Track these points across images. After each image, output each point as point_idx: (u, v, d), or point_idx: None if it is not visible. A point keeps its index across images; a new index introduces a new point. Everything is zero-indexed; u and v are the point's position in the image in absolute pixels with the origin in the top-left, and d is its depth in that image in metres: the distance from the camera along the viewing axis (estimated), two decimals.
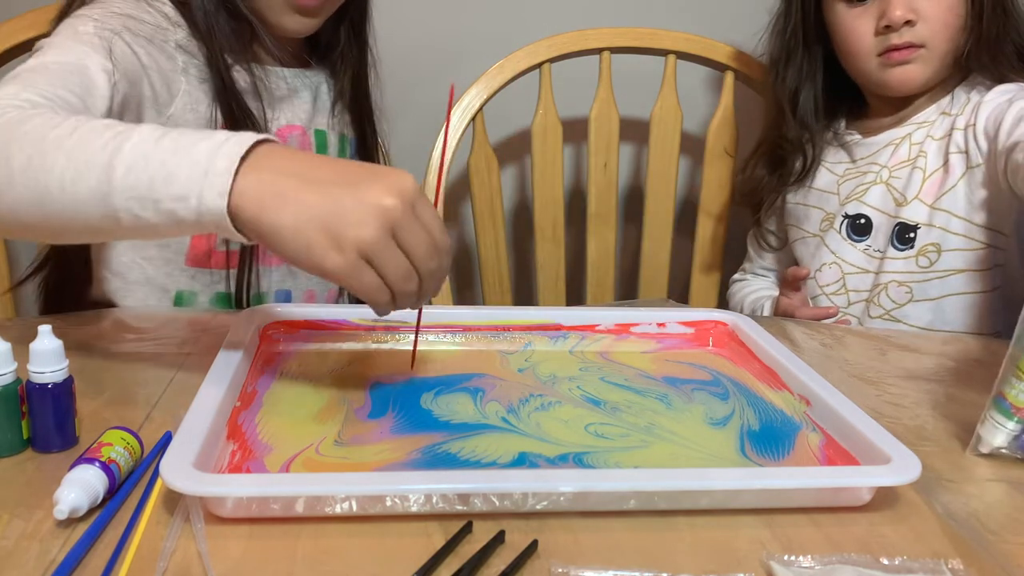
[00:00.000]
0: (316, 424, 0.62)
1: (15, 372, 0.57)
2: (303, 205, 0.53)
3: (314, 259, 0.54)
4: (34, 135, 0.59)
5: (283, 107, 0.94)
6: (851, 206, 1.08)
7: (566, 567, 0.48)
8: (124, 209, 0.56)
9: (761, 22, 1.36)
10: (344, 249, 0.53)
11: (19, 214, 0.59)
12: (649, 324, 0.82)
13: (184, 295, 0.93)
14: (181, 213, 0.55)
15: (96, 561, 0.47)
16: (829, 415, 0.64)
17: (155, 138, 0.56)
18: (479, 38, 1.33)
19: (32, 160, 0.58)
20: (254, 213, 0.54)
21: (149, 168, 0.55)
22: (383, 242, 0.54)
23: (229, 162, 0.54)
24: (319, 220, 0.53)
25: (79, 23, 0.78)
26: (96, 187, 0.56)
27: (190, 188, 0.54)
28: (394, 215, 0.54)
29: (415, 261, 0.56)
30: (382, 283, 0.56)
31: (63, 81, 0.71)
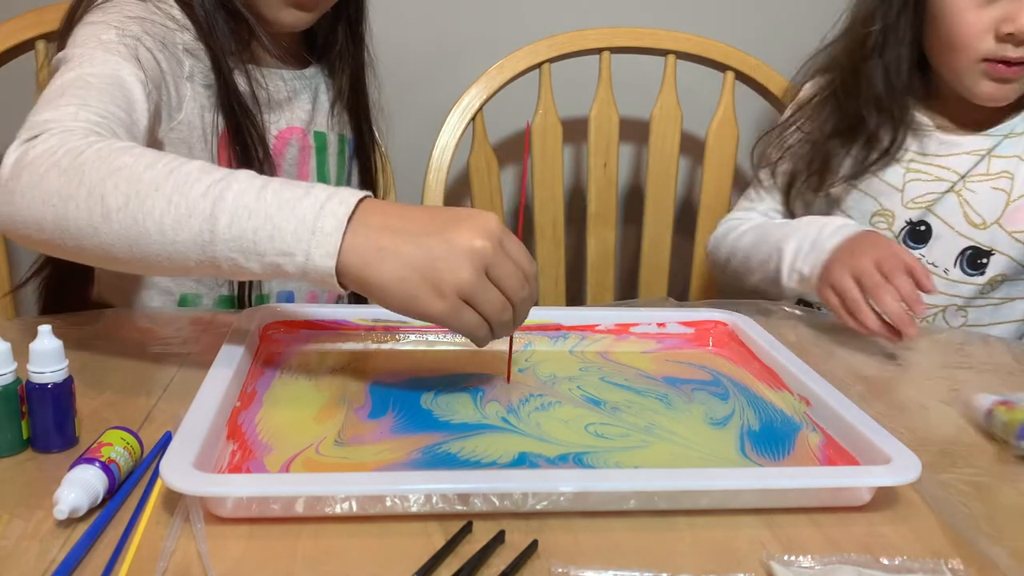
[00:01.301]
0: (316, 424, 0.62)
1: (15, 372, 0.57)
2: (403, 258, 0.57)
3: (419, 307, 0.58)
4: (129, 174, 0.60)
5: (283, 110, 0.94)
6: (917, 212, 0.99)
7: (566, 567, 0.48)
8: (226, 259, 0.58)
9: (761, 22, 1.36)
10: (445, 295, 0.57)
11: (112, 252, 0.60)
12: (649, 324, 0.82)
13: (188, 297, 0.93)
14: (286, 268, 0.57)
15: (96, 561, 0.47)
16: (829, 415, 0.64)
17: (256, 188, 0.58)
18: (479, 38, 1.33)
19: (130, 201, 0.59)
20: (359, 270, 0.57)
21: (253, 221, 0.57)
22: (479, 282, 0.57)
23: (337, 222, 0.57)
24: (419, 271, 0.57)
25: (100, 31, 0.77)
26: (198, 235, 0.58)
27: (297, 246, 0.57)
28: (485, 255, 0.57)
29: (508, 293, 0.59)
30: (481, 319, 0.59)
31: (111, 97, 0.71)
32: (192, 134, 0.86)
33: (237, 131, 0.87)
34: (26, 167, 0.62)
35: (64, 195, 0.60)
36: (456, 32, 1.35)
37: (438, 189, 1.16)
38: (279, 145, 0.94)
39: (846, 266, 0.83)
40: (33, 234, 0.62)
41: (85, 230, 0.60)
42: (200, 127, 0.86)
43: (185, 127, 0.85)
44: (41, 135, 0.64)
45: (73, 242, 0.61)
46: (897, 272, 0.80)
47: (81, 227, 0.60)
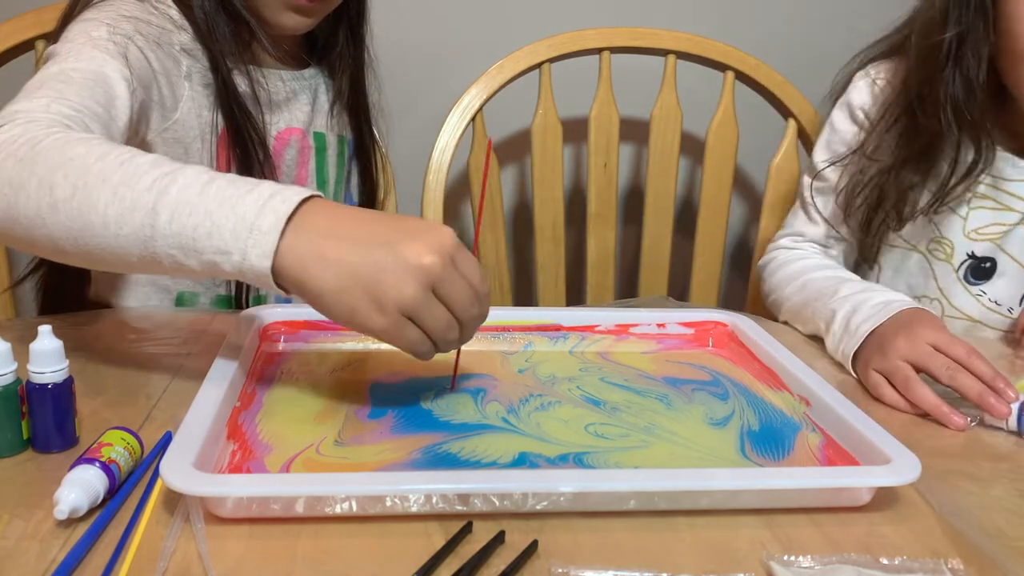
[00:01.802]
0: (316, 424, 0.62)
1: (15, 372, 0.57)
2: (345, 267, 0.55)
3: (358, 321, 0.56)
4: (79, 164, 0.59)
5: (283, 110, 0.94)
6: (982, 246, 0.93)
7: (566, 567, 0.48)
8: (166, 255, 0.56)
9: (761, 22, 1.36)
10: (386, 310, 0.55)
11: (59, 243, 0.59)
12: (649, 325, 0.82)
13: (185, 296, 0.93)
14: (223, 266, 0.56)
15: (96, 561, 0.47)
16: (829, 415, 0.64)
17: (201, 183, 0.56)
18: (479, 38, 1.33)
19: (77, 192, 0.58)
20: (297, 275, 0.55)
21: (194, 217, 0.55)
22: (424, 299, 0.55)
23: (276, 219, 0.55)
24: (361, 283, 0.54)
25: (91, 28, 0.77)
26: (139, 229, 0.56)
27: (234, 244, 0.55)
28: (433, 271, 0.55)
29: (456, 311, 0.57)
30: (424, 336, 0.57)
31: (90, 92, 0.71)
32: (188, 134, 0.86)
33: (237, 132, 0.87)
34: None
35: (16, 184, 0.59)
36: (456, 32, 1.34)
37: (438, 189, 1.16)
38: (278, 146, 0.94)
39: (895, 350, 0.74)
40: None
41: (34, 220, 0.59)
42: (197, 127, 0.86)
43: (181, 127, 0.85)
44: (5, 125, 0.63)
45: (23, 232, 0.60)
46: (972, 356, 0.71)
47: (30, 217, 0.59)
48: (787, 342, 0.78)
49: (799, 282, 0.94)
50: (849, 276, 0.92)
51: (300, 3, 0.86)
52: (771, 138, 1.24)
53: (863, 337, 0.78)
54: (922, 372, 0.73)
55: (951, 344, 0.72)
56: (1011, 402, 0.69)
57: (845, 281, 0.89)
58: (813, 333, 0.88)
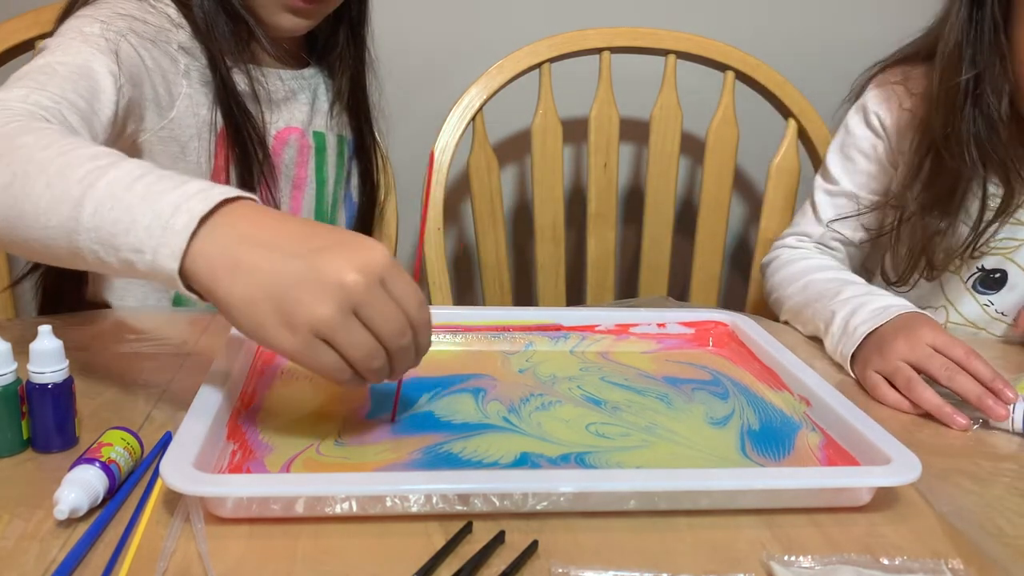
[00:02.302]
0: (316, 424, 0.62)
1: (15, 372, 0.57)
2: (257, 278, 0.50)
3: (266, 338, 0.51)
4: (23, 154, 0.58)
5: (282, 109, 0.94)
6: (992, 259, 0.93)
7: (566, 567, 0.48)
8: (88, 250, 0.54)
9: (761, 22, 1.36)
10: (296, 329, 0.50)
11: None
12: (649, 324, 0.82)
13: (182, 298, 0.92)
14: (137, 266, 0.52)
15: (96, 561, 0.47)
16: (829, 415, 0.64)
17: (132, 178, 0.54)
18: (479, 38, 1.33)
19: (15, 180, 0.57)
20: (206, 281, 0.51)
21: (115, 212, 0.53)
22: (339, 321, 0.50)
23: (189, 219, 0.51)
24: (271, 297, 0.50)
25: (85, 24, 0.77)
26: (65, 222, 0.54)
27: (147, 242, 0.51)
28: (355, 292, 0.50)
29: (382, 339, 0.52)
30: (342, 362, 0.52)
31: (72, 84, 0.71)
32: (185, 132, 0.86)
33: (236, 131, 0.87)
34: None
35: None
36: (456, 32, 1.34)
37: (438, 189, 1.16)
38: (277, 145, 0.94)
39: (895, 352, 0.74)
40: None
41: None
42: (195, 125, 0.86)
43: (177, 125, 0.85)
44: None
45: None
46: (972, 357, 0.71)
47: None
48: (787, 342, 0.78)
49: (801, 283, 0.94)
50: (852, 279, 0.92)
51: (297, 5, 0.86)
52: (771, 138, 1.24)
53: (861, 338, 0.78)
54: (922, 374, 0.73)
55: (950, 345, 0.73)
56: (1009, 403, 0.69)
57: (847, 284, 0.88)
58: (813, 334, 0.88)
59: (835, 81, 1.26)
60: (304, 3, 0.86)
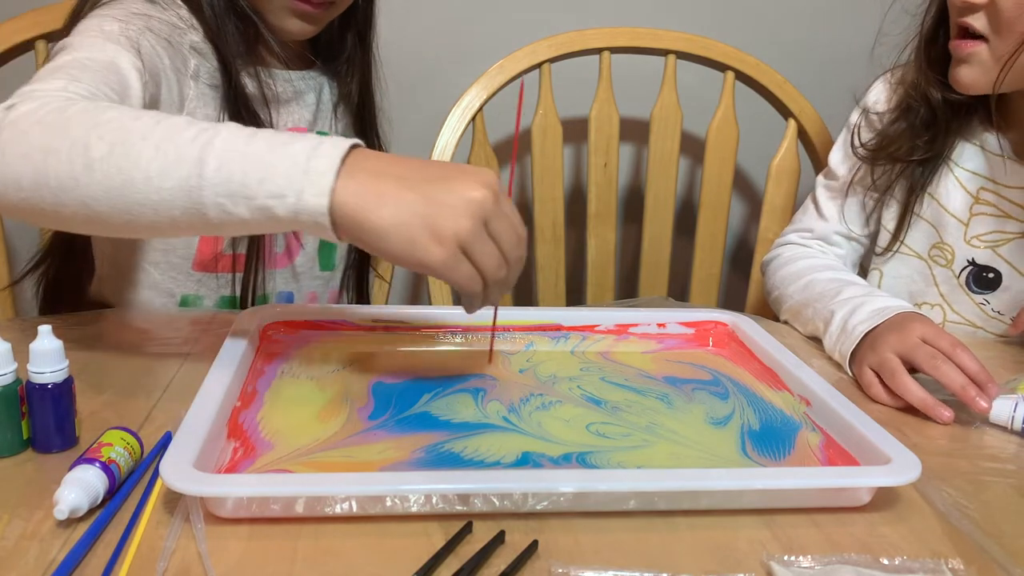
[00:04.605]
0: (318, 423, 0.62)
1: (15, 372, 0.57)
2: (403, 203, 0.55)
3: (417, 254, 0.56)
4: (115, 124, 0.58)
5: (287, 111, 0.94)
6: (982, 254, 0.92)
7: (566, 567, 0.48)
8: (213, 204, 0.56)
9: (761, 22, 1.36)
10: (444, 242, 0.56)
11: (94, 206, 0.58)
12: (649, 324, 0.82)
13: (190, 299, 0.92)
14: (277, 210, 0.56)
15: (96, 561, 0.47)
16: (829, 415, 0.64)
17: (246, 134, 0.57)
18: (479, 38, 1.33)
19: (115, 149, 0.57)
20: (355, 212, 0.55)
21: (243, 164, 0.56)
22: (478, 233, 0.57)
23: (330, 162, 0.55)
24: (419, 217, 0.55)
25: (103, 23, 0.77)
26: (185, 180, 0.56)
27: (288, 186, 0.55)
28: (486, 207, 0.57)
29: (504, 249, 0.58)
30: (476, 273, 0.58)
31: (103, 78, 0.70)
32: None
33: None
34: (7, 127, 0.60)
35: (45, 149, 0.58)
36: (456, 32, 1.34)
37: None
38: None
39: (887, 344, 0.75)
40: (11, 192, 0.60)
41: (66, 183, 0.58)
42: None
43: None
44: (22, 100, 0.63)
45: (52, 197, 0.58)
46: (958, 348, 0.72)
47: (62, 180, 0.58)
48: (787, 342, 0.78)
49: (802, 282, 0.94)
50: (853, 279, 0.92)
51: (305, 9, 0.86)
52: (771, 138, 1.24)
53: (859, 337, 0.78)
54: (909, 366, 0.73)
55: (937, 336, 0.73)
56: (992, 397, 0.69)
57: (848, 284, 0.89)
58: (812, 334, 0.88)
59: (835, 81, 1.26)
60: (313, 8, 0.86)
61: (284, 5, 0.86)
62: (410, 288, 1.46)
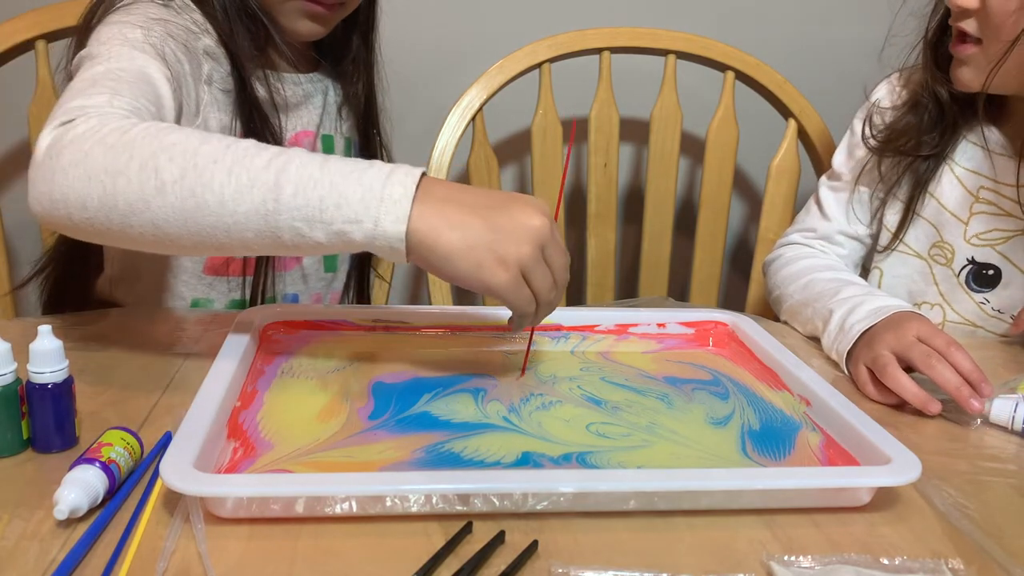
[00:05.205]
0: (318, 423, 0.62)
1: (15, 372, 0.57)
2: (470, 230, 0.59)
3: (484, 277, 0.60)
4: (183, 148, 0.59)
5: (296, 114, 0.94)
6: (982, 252, 0.92)
7: (566, 567, 0.48)
8: (289, 228, 0.58)
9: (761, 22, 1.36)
10: (508, 266, 0.59)
11: (164, 227, 0.59)
12: (649, 324, 0.82)
13: (200, 302, 0.92)
14: (353, 235, 0.58)
15: (96, 561, 0.47)
16: (829, 415, 0.64)
17: (318, 161, 0.59)
18: (479, 38, 1.33)
19: (187, 173, 0.58)
20: (426, 237, 0.59)
21: (319, 190, 0.58)
22: (537, 258, 0.61)
23: (405, 190, 0.58)
24: (485, 242, 0.59)
25: (125, 30, 0.76)
26: (260, 205, 0.58)
27: (364, 213, 0.58)
28: (543, 233, 0.61)
29: (555, 274, 0.62)
30: (532, 296, 0.62)
31: (140, 90, 0.70)
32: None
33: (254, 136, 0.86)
34: (67, 146, 0.60)
35: (113, 171, 0.59)
36: (456, 32, 1.34)
37: None
38: None
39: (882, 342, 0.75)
40: (75, 213, 0.60)
41: (136, 205, 0.59)
42: (217, 131, 0.85)
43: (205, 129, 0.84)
44: (78, 118, 0.62)
45: (120, 219, 0.59)
46: (953, 347, 0.72)
47: (131, 202, 0.59)
48: (787, 342, 0.78)
49: (803, 281, 0.94)
50: (853, 279, 0.92)
51: (317, 11, 0.86)
52: (771, 138, 1.24)
53: (856, 336, 0.78)
54: (905, 364, 0.73)
55: (933, 335, 0.73)
56: (986, 397, 0.69)
57: (847, 284, 0.89)
58: (811, 334, 0.88)
59: (835, 81, 1.27)
60: (324, 9, 0.86)
61: (296, 7, 0.86)
62: (410, 288, 1.46)
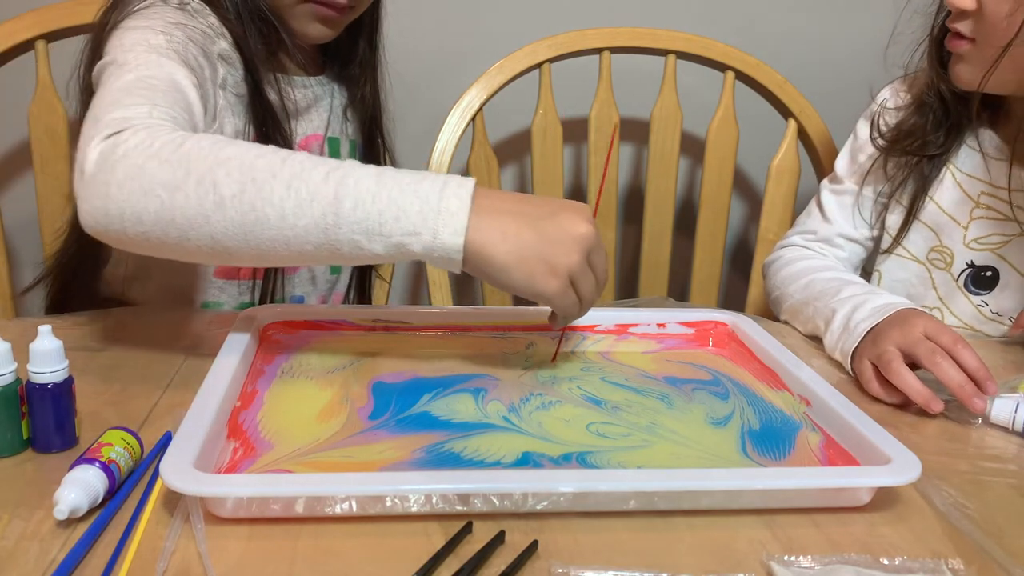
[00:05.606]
0: (318, 423, 0.62)
1: (15, 372, 0.57)
2: (523, 240, 0.61)
3: (536, 286, 0.62)
4: (240, 163, 0.59)
5: (305, 117, 0.94)
6: (982, 256, 0.93)
7: (566, 567, 0.48)
8: (348, 241, 0.59)
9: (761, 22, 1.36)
10: (559, 275, 0.62)
11: (223, 241, 0.59)
12: (649, 324, 0.82)
13: (211, 305, 0.93)
14: (412, 247, 0.60)
15: (96, 561, 0.47)
16: (829, 415, 0.64)
17: (374, 173, 0.60)
18: (479, 38, 1.33)
19: (246, 188, 0.58)
20: (481, 248, 0.60)
21: (378, 203, 0.59)
22: (584, 265, 0.63)
23: (461, 203, 0.60)
24: (537, 253, 0.62)
25: (148, 36, 0.75)
26: (320, 219, 0.59)
27: (423, 225, 0.59)
28: (590, 241, 0.63)
29: (598, 276, 0.65)
30: (578, 300, 0.65)
31: (173, 99, 0.70)
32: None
33: (266, 140, 0.85)
34: (119, 160, 0.60)
35: (170, 185, 0.59)
36: (456, 32, 1.34)
37: None
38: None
39: (888, 338, 0.75)
40: (130, 227, 0.60)
41: (194, 220, 0.59)
42: (232, 136, 0.85)
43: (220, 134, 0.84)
44: (125, 130, 0.62)
45: (177, 233, 0.60)
46: (959, 344, 0.72)
47: (190, 217, 0.59)
48: (787, 342, 0.78)
49: (803, 281, 0.94)
50: (854, 279, 0.92)
51: (328, 14, 0.86)
52: (771, 138, 1.24)
53: (862, 335, 0.78)
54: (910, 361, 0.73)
55: (939, 332, 0.73)
56: (990, 395, 0.69)
57: (849, 283, 0.89)
58: (812, 333, 0.88)
59: (835, 81, 1.27)
60: (335, 12, 0.86)
61: (307, 10, 0.86)
62: (410, 288, 1.46)
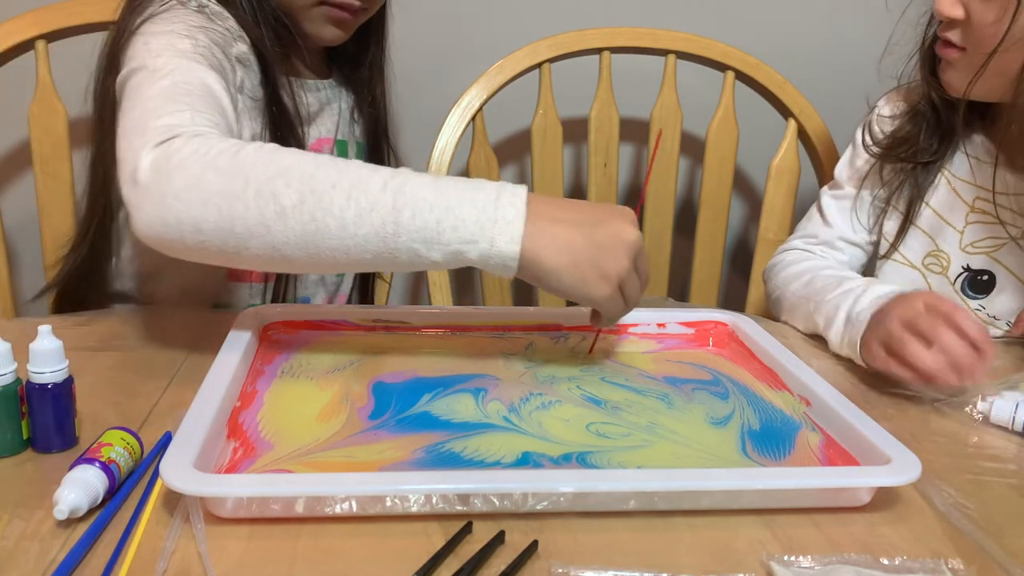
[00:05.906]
0: (318, 423, 0.62)
1: (15, 372, 0.57)
2: (575, 247, 0.63)
3: (587, 291, 0.64)
4: (298, 172, 0.60)
5: (316, 121, 0.94)
6: (978, 260, 0.94)
7: (566, 567, 0.48)
8: (407, 249, 0.61)
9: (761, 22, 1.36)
10: (609, 280, 0.64)
11: (283, 251, 0.60)
12: (649, 324, 0.82)
13: (221, 307, 0.93)
14: (469, 254, 0.61)
15: (96, 561, 0.47)
16: (829, 415, 0.64)
17: (430, 182, 0.62)
18: (479, 38, 1.33)
19: (306, 199, 0.59)
20: (535, 255, 0.62)
21: (435, 212, 0.60)
22: (631, 270, 0.65)
23: (516, 212, 0.61)
24: (588, 259, 0.63)
25: (174, 40, 0.74)
26: (380, 228, 0.60)
27: (480, 233, 0.61)
28: (637, 245, 0.65)
29: (642, 279, 0.67)
30: (624, 303, 0.66)
31: (210, 104, 0.70)
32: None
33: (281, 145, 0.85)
34: (175, 169, 0.60)
35: (229, 195, 0.59)
36: (456, 32, 1.34)
37: None
38: None
39: (892, 317, 0.74)
40: (187, 236, 0.60)
41: (255, 229, 0.59)
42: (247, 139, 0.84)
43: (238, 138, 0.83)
44: (176, 137, 0.62)
45: (236, 242, 0.60)
46: (957, 312, 0.71)
47: (250, 227, 0.59)
48: (787, 342, 0.78)
49: (804, 279, 0.94)
50: (853, 275, 0.93)
51: (342, 16, 0.86)
52: (771, 138, 1.24)
53: (866, 322, 0.78)
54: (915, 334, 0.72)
55: (939, 302, 0.73)
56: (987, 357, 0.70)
57: (848, 279, 0.89)
58: (812, 330, 0.88)
59: (835, 81, 1.27)
60: (349, 15, 0.86)
61: (321, 13, 0.86)
62: (410, 288, 1.46)
